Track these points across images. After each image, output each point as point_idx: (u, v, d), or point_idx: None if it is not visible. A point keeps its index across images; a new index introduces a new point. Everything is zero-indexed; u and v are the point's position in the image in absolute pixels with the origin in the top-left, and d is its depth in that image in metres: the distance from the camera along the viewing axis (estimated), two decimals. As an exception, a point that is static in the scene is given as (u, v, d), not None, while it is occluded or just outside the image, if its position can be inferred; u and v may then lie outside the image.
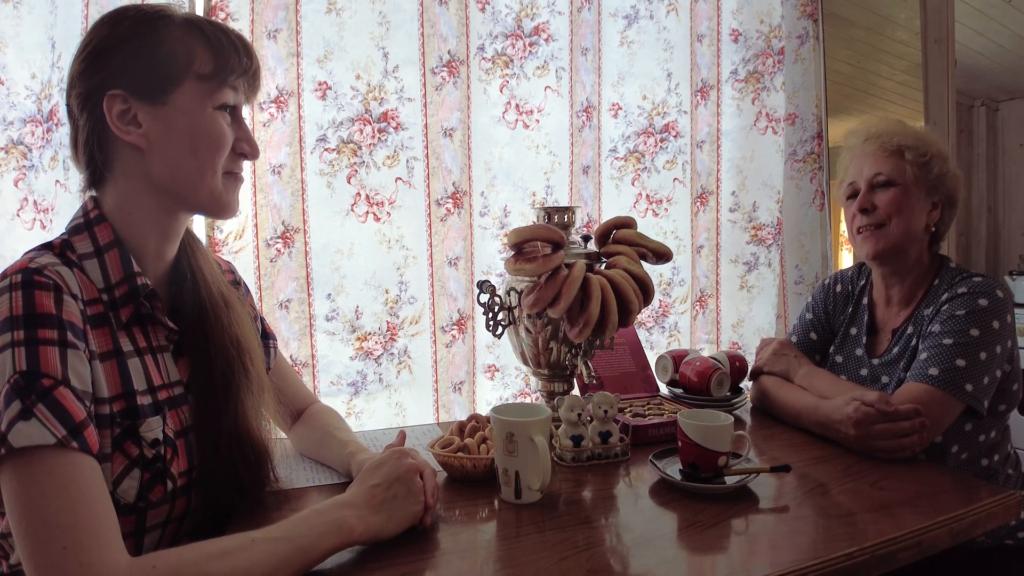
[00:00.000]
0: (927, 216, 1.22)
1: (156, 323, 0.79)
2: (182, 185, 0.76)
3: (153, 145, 0.74)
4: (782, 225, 1.96)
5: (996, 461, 1.18)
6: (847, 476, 0.97)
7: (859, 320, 1.32)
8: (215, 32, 0.76)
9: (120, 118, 0.73)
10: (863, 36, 2.83)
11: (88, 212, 0.76)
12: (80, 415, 0.63)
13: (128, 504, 0.71)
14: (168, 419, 0.76)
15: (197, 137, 0.75)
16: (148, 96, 0.73)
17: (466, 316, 1.63)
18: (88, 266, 0.73)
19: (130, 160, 0.75)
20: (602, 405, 1.04)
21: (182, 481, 0.76)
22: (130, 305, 0.75)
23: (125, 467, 0.70)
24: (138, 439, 0.71)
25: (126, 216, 0.76)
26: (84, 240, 0.74)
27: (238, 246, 1.43)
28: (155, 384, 0.76)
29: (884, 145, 1.22)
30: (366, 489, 0.76)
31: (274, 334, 1.06)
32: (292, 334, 1.48)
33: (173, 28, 0.74)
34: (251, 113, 1.42)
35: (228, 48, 0.76)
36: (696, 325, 1.94)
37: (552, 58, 1.69)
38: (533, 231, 1.04)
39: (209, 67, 0.75)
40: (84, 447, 0.62)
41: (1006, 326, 1.12)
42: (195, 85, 0.75)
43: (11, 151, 1.29)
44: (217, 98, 0.76)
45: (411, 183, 1.57)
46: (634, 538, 0.80)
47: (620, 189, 1.83)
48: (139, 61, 0.73)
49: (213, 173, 0.77)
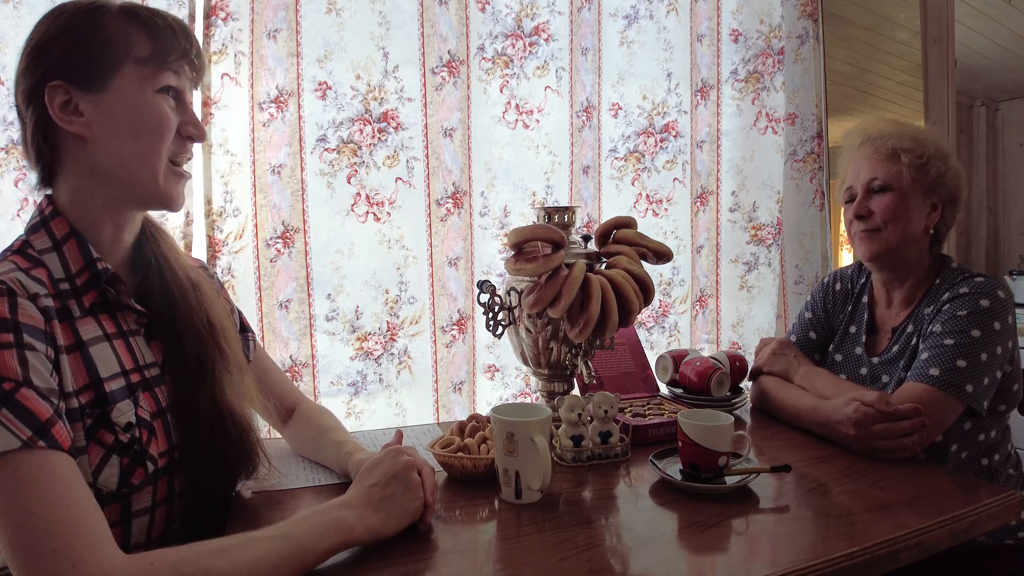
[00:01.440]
0: (926, 219, 1.21)
1: (124, 308, 0.79)
2: (127, 172, 0.77)
3: (96, 133, 0.75)
4: (782, 225, 1.96)
5: (996, 461, 1.18)
6: (847, 476, 0.97)
7: (859, 318, 1.32)
8: (151, 16, 0.77)
9: (62, 109, 0.74)
10: (863, 36, 2.83)
11: (43, 210, 0.77)
12: (46, 413, 0.62)
13: (111, 492, 0.71)
14: (143, 401, 0.76)
15: (139, 121, 0.76)
16: (88, 84, 0.74)
17: (466, 316, 1.63)
18: (48, 260, 0.74)
19: (76, 151, 0.76)
20: (602, 405, 1.04)
21: (163, 462, 0.76)
22: (93, 291, 0.75)
23: (102, 456, 0.70)
24: (111, 426, 0.71)
25: (79, 208, 0.77)
26: (42, 237, 0.75)
27: (238, 246, 1.43)
28: (127, 367, 0.76)
29: (879, 149, 1.21)
30: (364, 489, 0.76)
31: (252, 329, 1.06)
32: (292, 334, 1.48)
33: (109, 17, 0.75)
34: (251, 113, 1.42)
35: (165, 31, 0.77)
36: (696, 325, 1.94)
37: (552, 58, 1.69)
38: (533, 231, 1.04)
39: (147, 51, 0.76)
40: (53, 444, 0.61)
41: (1007, 327, 1.11)
42: (134, 70, 0.75)
43: (11, 151, 1.29)
44: (157, 81, 0.77)
45: (411, 183, 1.57)
46: (634, 538, 0.80)
47: (620, 189, 1.83)
48: (77, 51, 0.74)
49: (157, 158, 0.78)
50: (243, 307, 1.44)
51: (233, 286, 1.43)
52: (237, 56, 1.40)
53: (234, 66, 1.40)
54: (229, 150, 1.40)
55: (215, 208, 1.38)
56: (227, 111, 1.39)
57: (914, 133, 1.22)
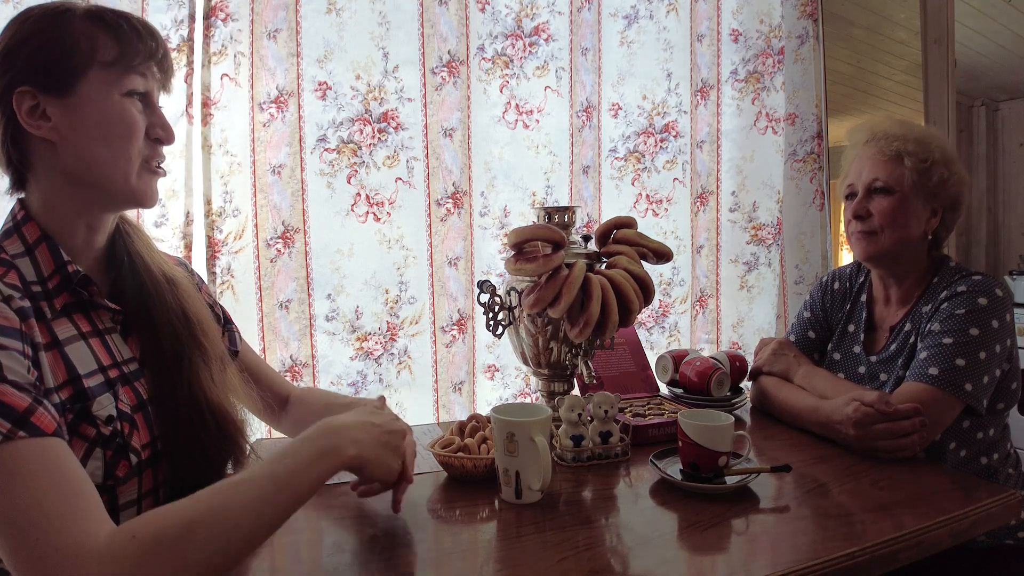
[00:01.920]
0: (925, 224, 1.20)
1: (98, 307, 0.80)
2: (97, 175, 0.77)
3: (64, 137, 0.75)
4: (782, 225, 1.96)
5: (996, 460, 1.18)
6: (847, 476, 0.97)
7: (857, 317, 1.32)
8: (116, 19, 0.77)
9: (30, 114, 0.74)
10: (863, 36, 2.83)
11: (15, 215, 0.78)
12: (23, 404, 0.62)
13: (98, 485, 0.71)
14: (122, 394, 0.77)
15: (106, 125, 0.76)
16: (54, 89, 0.74)
17: (466, 316, 1.63)
18: (21, 264, 0.75)
19: (45, 156, 0.77)
20: (602, 405, 1.04)
21: (146, 454, 0.77)
22: (64, 293, 0.76)
23: (86, 450, 0.71)
24: (92, 419, 0.72)
25: (50, 212, 0.78)
26: (15, 242, 0.76)
27: (238, 246, 1.43)
28: (104, 364, 0.77)
29: (883, 149, 1.20)
30: (366, 422, 0.78)
31: (234, 322, 1.06)
32: (292, 334, 1.48)
33: (74, 20, 0.76)
34: (251, 113, 1.42)
35: (130, 34, 0.77)
36: (696, 325, 1.94)
37: (552, 58, 1.69)
38: (533, 231, 1.04)
39: (112, 54, 0.76)
40: (35, 432, 0.61)
41: (1005, 325, 1.12)
42: (100, 74, 0.76)
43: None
44: (124, 84, 0.77)
45: (411, 183, 1.57)
46: (634, 538, 0.80)
47: (620, 189, 1.83)
48: (43, 56, 0.74)
49: (127, 160, 0.78)
50: (243, 307, 1.44)
51: (233, 286, 1.43)
52: (237, 56, 1.40)
53: (234, 66, 1.40)
54: (229, 150, 1.40)
55: (215, 208, 1.38)
56: (227, 111, 1.39)
57: (920, 136, 1.20)
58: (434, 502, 0.91)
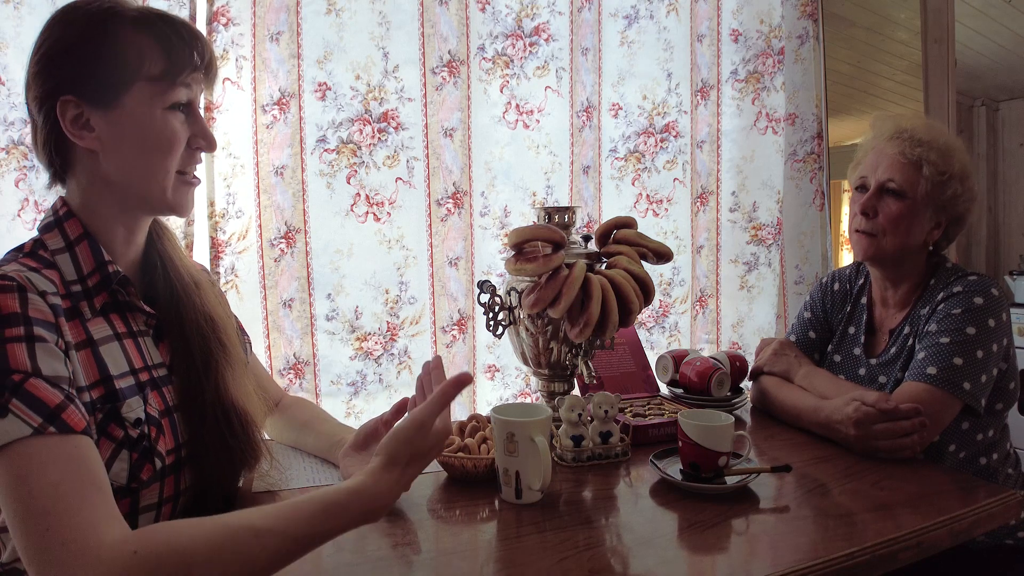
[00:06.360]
0: (927, 234, 1.20)
1: (133, 309, 0.81)
2: (135, 185, 0.78)
3: (106, 148, 0.76)
4: (782, 225, 1.96)
5: (995, 460, 1.18)
6: (847, 476, 0.97)
7: (857, 319, 1.32)
8: (165, 29, 0.77)
9: (73, 123, 0.74)
10: (863, 36, 2.83)
11: (57, 210, 0.78)
12: (55, 399, 0.63)
13: (121, 487, 0.72)
14: (151, 399, 0.77)
15: (147, 140, 0.77)
16: (99, 101, 0.74)
17: (466, 316, 1.63)
18: (60, 260, 0.75)
19: (87, 162, 0.77)
20: (602, 405, 1.04)
21: (171, 459, 0.77)
22: (104, 293, 0.76)
23: (113, 450, 0.71)
24: (121, 420, 0.72)
25: (91, 212, 0.79)
26: (55, 236, 0.76)
27: (242, 247, 1.43)
28: (136, 367, 0.77)
29: (905, 152, 1.18)
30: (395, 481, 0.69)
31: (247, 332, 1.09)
32: (295, 333, 1.49)
33: (123, 29, 0.75)
34: (254, 115, 1.42)
35: (178, 46, 0.77)
36: (696, 325, 1.94)
37: (552, 58, 1.69)
38: (533, 231, 1.04)
39: (159, 68, 0.76)
40: (64, 429, 0.62)
41: (1001, 324, 1.12)
42: (145, 87, 0.76)
43: (12, 151, 1.29)
44: (167, 98, 0.77)
45: (411, 183, 1.57)
46: (634, 538, 0.80)
47: (620, 189, 1.83)
48: (89, 66, 0.74)
49: (165, 173, 0.79)
50: (248, 306, 1.45)
51: (237, 286, 1.43)
52: (239, 60, 1.40)
53: (236, 70, 1.40)
54: (232, 153, 1.41)
55: (218, 210, 1.39)
56: (229, 115, 1.39)
57: (944, 146, 1.18)
58: (434, 502, 0.91)
